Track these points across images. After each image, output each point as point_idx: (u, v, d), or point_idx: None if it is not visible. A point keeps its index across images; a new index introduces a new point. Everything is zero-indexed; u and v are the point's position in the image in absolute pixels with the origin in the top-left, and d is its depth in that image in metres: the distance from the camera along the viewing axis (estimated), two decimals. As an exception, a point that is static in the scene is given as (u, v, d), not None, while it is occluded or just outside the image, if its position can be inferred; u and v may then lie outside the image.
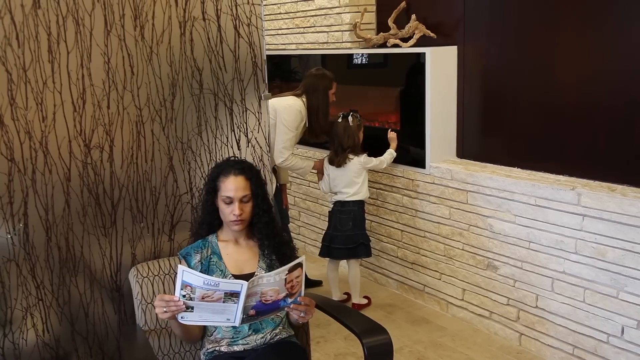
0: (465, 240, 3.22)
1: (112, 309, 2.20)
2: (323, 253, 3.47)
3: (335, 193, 3.44)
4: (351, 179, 3.37)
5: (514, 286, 3.01)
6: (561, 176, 2.92)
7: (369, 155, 3.40)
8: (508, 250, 3.00)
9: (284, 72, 4.43)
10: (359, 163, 3.35)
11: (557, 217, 2.75)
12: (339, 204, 3.41)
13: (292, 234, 4.19)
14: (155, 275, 2.13)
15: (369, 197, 3.66)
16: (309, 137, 3.47)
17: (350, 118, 3.35)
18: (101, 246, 2.16)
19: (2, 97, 1.95)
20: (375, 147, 3.52)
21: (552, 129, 2.96)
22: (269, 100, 3.39)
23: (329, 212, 3.50)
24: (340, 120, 3.37)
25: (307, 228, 4.45)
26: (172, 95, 2.24)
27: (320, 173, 3.54)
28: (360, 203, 3.40)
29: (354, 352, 3.00)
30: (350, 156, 3.35)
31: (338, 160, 3.37)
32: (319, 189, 4.19)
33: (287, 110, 3.32)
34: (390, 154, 3.42)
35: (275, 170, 3.58)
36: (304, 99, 3.38)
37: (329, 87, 3.38)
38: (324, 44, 4.07)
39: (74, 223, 2.10)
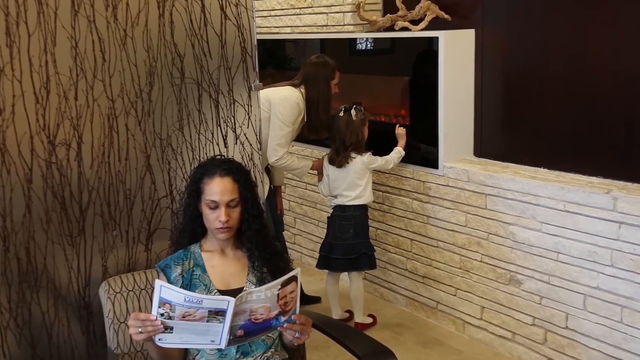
0: (484, 250, 3.21)
1: (79, 329, 2.18)
2: (321, 264, 3.47)
3: (336, 196, 3.43)
4: (353, 181, 3.36)
5: (540, 304, 3.00)
6: (594, 178, 2.91)
7: (374, 154, 3.39)
8: (533, 262, 2.99)
9: (277, 59, 4.43)
10: (361, 163, 3.35)
11: (589, 224, 2.74)
12: (339, 209, 3.41)
13: (286, 243, 4.18)
14: (129, 291, 2.12)
15: (374, 201, 3.65)
16: (307, 133, 3.46)
17: (353, 112, 3.34)
18: (67, 257, 2.15)
19: (-46, 86, 1.95)
20: (381, 145, 3.51)
21: (584, 123, 2.96)
22: (261, 91, 3.41)
23: (328, 217, 3.50)
24: (342, 114, 3.36)
25: (304, 237, 4.44)
26: (150, 85, 2.24)
27: (319, 174, 3.54)
28: (363, 208, 3.40)
29: (357, 378, 2.99)
30: (353, 155, 3.35)
31: (339, 159, 3.37)
32: (319, 192, 4.20)
33: (283, 102, 3.32)
34: (398, 152, 3.42)
35: (268, 170, 3.58)
36: (303, 90, 3.38)
37: (331, 76, 3.37)
38: (323, 27, 4.07)
39: (36, 231, 2.09)
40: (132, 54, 2.19)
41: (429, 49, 3.34)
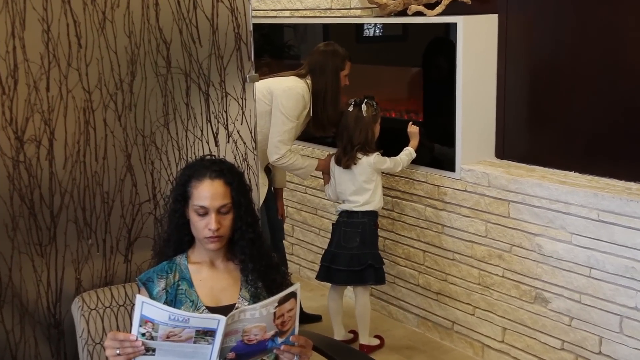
0: (506, 264, 3.20)
1: (48, 351, 2.17)
2: (321, 276, 3.47)
3: (343, 201, 3.43)
4: (360, 185, 3.36)
5: (570, 325, 2.99)
6: (633, 184, 2.90)
7: (383, 155, 3.39)
8: (562, 278, 2.98)
9: (275, 47, 4.43)
10: (367, 164, 3.34)
11: (626, 236, 2.73)
12: (345, 214, 3.41)
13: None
14: (106, 307, 2.11)
15: (383, 208, 3.65)
16: (313, 129, 3.46)
17: (364, 107, 3.34)
18: (36, 269, 2.14)
19: None
20: (390, 144, 3.51)
21: (621, 122, 2.95)
22: (262, 81, 3.42)
23: (333, 224, 3.50)
24: (351, 109, 3.36)
25: (303, 247, 4.44)
26: (131, 75, 2.23)
27: (326, 174, 3.54)
28: (372, 214, 3.40)
29: (363, 408, 2.98)
30: (359, 155, 3.34)
31: (346, 159, 3.36)
32: (319, 196, 4.19)
33: (286, 93, 3.32)
34: (409, 153, 3.42)
35: (269, 170, 3.58)
36: (309, 81, 3.39)
37: (341, 67, 3.38)
38: (327, 11, 4.07)
39: (1, 239, 2.08)
40: (112, 40, 2.19)
41: (446, 36, 3.33)
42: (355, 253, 3.35)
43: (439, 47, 3.40)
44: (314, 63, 3.39)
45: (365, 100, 3.36)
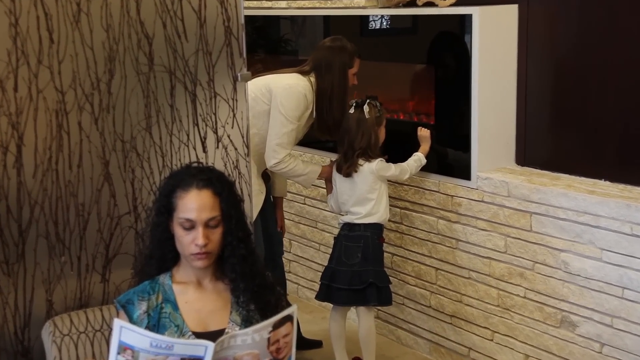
0: (528, 283, 3.20)
1: (17, 381, 2.17)
2: (321, 295, 3.46)
3: (346, 213, 3.44)
4: (362, 195, 3.36)
5: (600, 352, 2.98)
6: (668, 193, 2.91)
7: (388, 161, 3.38)
8: (591, 299, 2.98)
9: (269, 42, 4.43)
10: (369, 172, 3.34)
11: (662, 251, 2.74)
12: (346, 227, 3.41)
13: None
14: (80, 333, 2.11)
15: (389, 220, 3.64)
16: (317, 132, 3.47)
17: (366, 108, 3.34)
18: (2, 290, 2.13)
19: None
20: (398, 150, 3.50)
21: (655, 124, 2.95)
22: (261, 77, 3.42)
23: (335, 238, 3.50)
24: (352, 111, 3.37)
25: (302, 264, 4.43)
26: (110, 73, 2.23)
27: (328, 182, 3.55)
28: (376, 227, 3.39)
29: None
30: (361, 162, 3.35)
31: (347, 166, 3.36)
32: (318, 207, 4.18)
33: (286, 92, 3.33)
34: (418, 159, 3.41)
35: (268, 176, 3.58)
36: (313, 79, 3.39)
37: (349, 64, 3.39)
38: (328, 2, 4.07)
39: (-36, 256, 2.08)
40: (88, 35, 2.19)
41: (460, 29, 3.33)
42: (357, 270, 3.34)
43: (452, 41, 3.40)
44: (319, 59, 3.40)
45: (368, 101, 3.35)
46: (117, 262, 2.29)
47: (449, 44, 3.43)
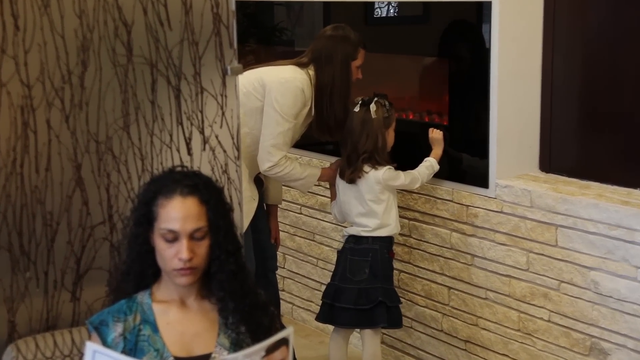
0: (553, 305, 3.19)
1: (-25, 412, 2.17)
2: (323, 316, 3.47)
3: (351, 224, 3.44)
4: (367, 204, 3.36)
5: (633, 382, 2.98)
6: None
7: (397, 169, 3.38)
8: (625, 324, 2.97)
9: (263, 31, 4.43)
10: (375, 180, 3.34)
11: None
12: (352, 240, 3.42)
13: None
14: (47, 358, 2.10)
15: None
16: (316, 133, 3.48)
17: (372, 106, 3.35)
18: (-40, 309, 2.14)
19: None
20: (406, 155, 3.51)
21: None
22: (253, 70, 3.42)
23: (338, 251, 3.50)
24: (357, 109, 3.37)
25: (297, 281, 4.43)
26: (83, 65, 2.23)
27: (332, 187, 3.56)
28: (385, 240, 3.40)
29: None
30: (366, 168, 3.35)
31: (350, 172, 3.37)
32: (315, 217, 4.18)
33: (282, 87, 3.33)
34: (430, 165, 3.41)
35: (261, 181, 3.57)
36: (312, 72, 3.40)
37: (352, 56, 3.40)
38: (328, -13, 4.08)
39: None
40: (58, 21, 2.19)
41: (478, 18, 3.33)
42: (364, 287, 3.35)
43: (469, 31, 3.40)
44: (320, 50, 3.41)
45: (375, 99, 3.36)
46: (89, 279, 2.28)
47: (464, 34, 3.44)
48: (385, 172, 3.34)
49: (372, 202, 3.36)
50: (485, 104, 3.33)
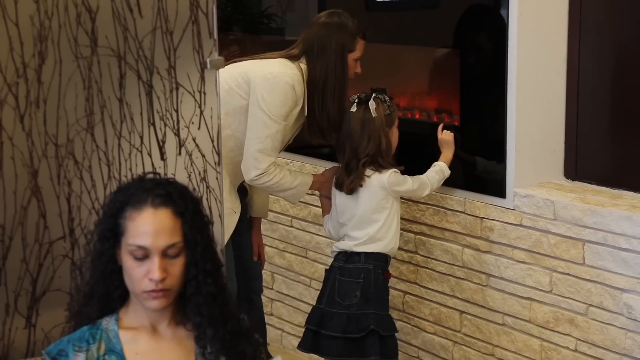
0: (580, 332, 3.20)
1: None
2: (306, 344, 3.47)
3: (343, 237, 3.44)
4: (366, 214, 3.35)
5: (670, 420, 2.99)
6: None
7: (403, 173, 3.39)
8: (660, 352, 2.98)
9: (248, 18, 4.43)
10: (379, 185, 3.33)
11: None
12: (342, 257, 3.41)
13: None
14: (-1, 393, 2.11)
15: (400, 249, 3.64)
16: (307, 135, 3.48)
17: (372, 104, 3.34)
18: None
19: None
20: (412, 158, 3.51)
21: None
22: (236, 64, 3.40)
23: (326, 270, 3.49)
24: (354, 109, 3.36)
25: (287, 304, 4.43)
26: (40, 57, 2.23)
27: (325, 199, 3.56)
28: (380, 258, 3.39)
29: None
30: (369, 172, 3.34)
31: (350, 181, 3.34)
32: (308, 232, 4.18)
33: (269, 83, 3.32)
34: (440, 170, 3.41)
35: (245, 190, 3.57)
36: (304, 65, 3.40)
37: (350, 46, 3.39)
38: (323, -33, 4.09)
39: None
40: (12, 7, 2.18)
41: (495, 3, 3.34)
42: (354, 313, 3.34)
43: (484, 18, 3.41)
44: (312, 40, 3.40)
45: (374, 96, 3.35)
46: (46, 302, 2.28)
47: (479, 21, 3.44)
48: (390, 176, 3.33)
49: (372, 211, 3.35)
50: (502, 101, 3.33)
